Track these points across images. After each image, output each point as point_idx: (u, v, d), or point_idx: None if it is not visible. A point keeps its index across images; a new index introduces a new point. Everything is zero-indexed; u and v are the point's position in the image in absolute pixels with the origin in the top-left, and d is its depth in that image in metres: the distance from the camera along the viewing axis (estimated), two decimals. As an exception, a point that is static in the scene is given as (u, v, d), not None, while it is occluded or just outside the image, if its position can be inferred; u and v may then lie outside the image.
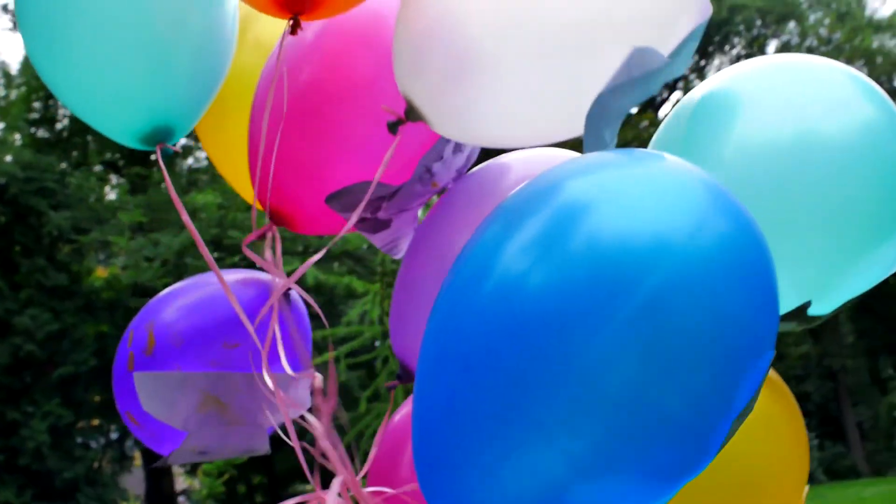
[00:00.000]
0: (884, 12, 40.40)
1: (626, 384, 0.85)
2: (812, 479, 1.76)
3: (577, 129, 1.15)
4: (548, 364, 0.85)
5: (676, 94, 24.24)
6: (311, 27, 1.40)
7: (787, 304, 1.14)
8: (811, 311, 1.15)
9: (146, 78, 1.25)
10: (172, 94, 1.29)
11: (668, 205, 0.92)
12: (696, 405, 0.87)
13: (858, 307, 33.57)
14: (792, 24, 36.76)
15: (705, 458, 0.89)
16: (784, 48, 36.81)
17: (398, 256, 1.60)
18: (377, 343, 4.82)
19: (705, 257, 0.89)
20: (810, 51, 37.18)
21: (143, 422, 1.46)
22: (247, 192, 1.62)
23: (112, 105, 1.27)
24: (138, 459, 18.56)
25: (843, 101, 1.16)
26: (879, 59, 27.86)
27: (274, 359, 1.36)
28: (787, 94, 1.17)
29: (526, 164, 1.48)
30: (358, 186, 1.40)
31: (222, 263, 12.95)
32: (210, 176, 14.55)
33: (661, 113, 22.96)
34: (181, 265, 12.85)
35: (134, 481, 21.46)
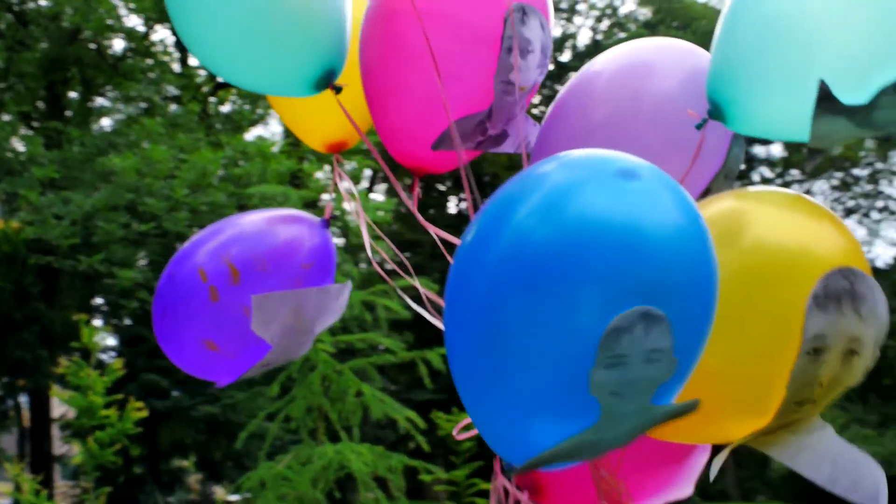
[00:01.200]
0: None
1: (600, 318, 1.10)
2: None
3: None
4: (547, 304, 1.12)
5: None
6: None
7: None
8: (844, 98, 1.21)
9: (312, 32, 1.53)
10: (332, 42, 1.57)
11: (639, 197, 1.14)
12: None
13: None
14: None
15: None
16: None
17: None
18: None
19: (666, 237, 1.12)
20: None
21: (224, 346, 1.66)
22: (312, 137, 1.91)
23: (286, 62, 1.54)
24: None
25: None
26: None
27: (326, 277, 1.77)
28: None
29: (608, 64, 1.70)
30: (455, 125, 1.63)
31: (132, 231, 12.75)
32: (128, 140, 14.25)
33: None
34: (91, 227, 12.58)
35: (9, 442, 20.88)
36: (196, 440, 17.96)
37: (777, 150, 34.69)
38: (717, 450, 1.44)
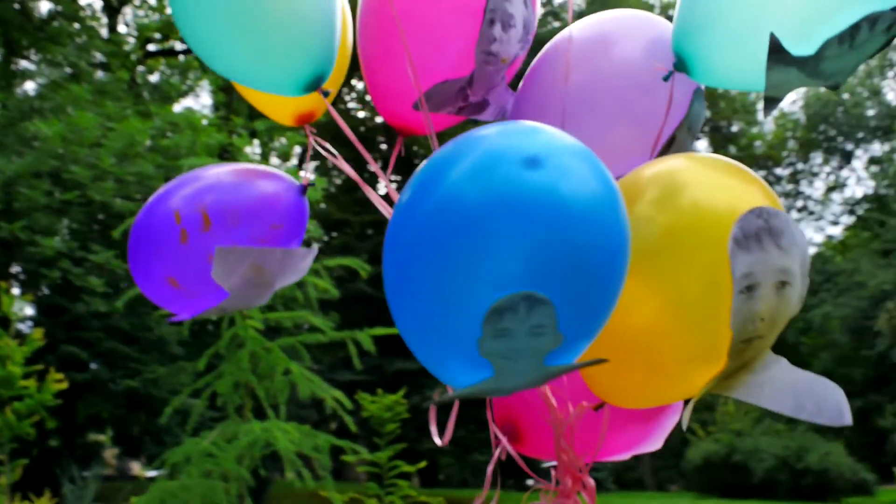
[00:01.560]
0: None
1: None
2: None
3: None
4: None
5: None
6: None
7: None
8: (793, 50, 1.35)
9: (307, 42, 1.69)
10: (323, 50, 1.72)
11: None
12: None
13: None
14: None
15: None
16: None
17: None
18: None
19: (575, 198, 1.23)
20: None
21: (185, 285, 1.78)
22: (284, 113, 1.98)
23: (282, 66, 1.70)
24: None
25: None
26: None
27: (293, 240, 1.87)
28: None
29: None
30: (434, 89, 1.76)
31: (56, 199, 12.44)
32: (53, 106, 13.88)
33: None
34: (13, 193, 12.25)
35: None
36: (114, 414, 17.67)
37: (702, 146, 35.41)
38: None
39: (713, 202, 1.38)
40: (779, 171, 44.24)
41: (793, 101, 46.09)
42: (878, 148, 41.11)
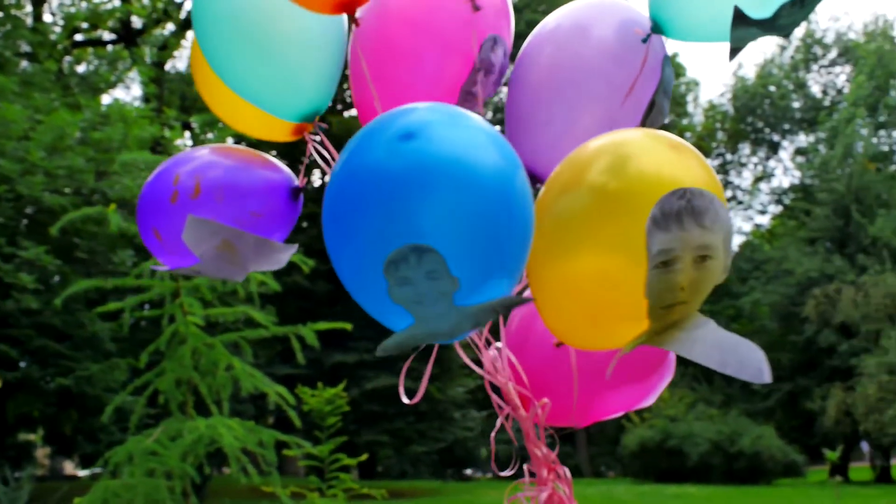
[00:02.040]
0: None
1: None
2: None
3: None
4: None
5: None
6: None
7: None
8: (754, 15, 1.62)
9: (312, 79, 1.95)
10: (323, 89, 1.98)
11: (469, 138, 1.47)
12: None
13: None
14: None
15: None
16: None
17: None
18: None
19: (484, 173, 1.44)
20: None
21: (166, 239, 1.95)
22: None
23: (287, 96, 1.94)
24: None
25: None
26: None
27: (274, 232, 2.00)
28: None
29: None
30: None
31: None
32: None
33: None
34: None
35: None
36: (45, 413, 17.28)
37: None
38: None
39: (657, 172, 1.51)
40: (708, 161, 44.85)
41: (721, 94, 46.99)
42: (803, 139, 42.15)
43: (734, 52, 1.67)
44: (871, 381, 23.69)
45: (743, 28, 1.62)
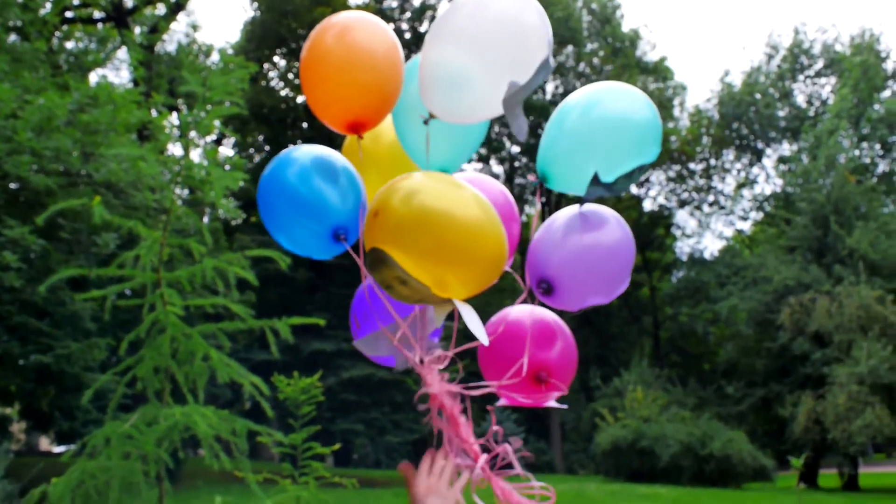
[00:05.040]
0: (652, 56, 43.72)
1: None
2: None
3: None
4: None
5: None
6: None
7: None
8: (604, 179, 2.35)
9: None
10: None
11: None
12: None
13: (579, 319, 36.23)
14: (570, 49, 39.01)
15: None
16: (559, 69, 38.96)
17: None
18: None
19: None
20: (583, 76, 39.72)
21: (363, 324, 2.54)
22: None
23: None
24: None
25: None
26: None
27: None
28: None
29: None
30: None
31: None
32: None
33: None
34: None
35: None
36: (22, 388, 17.37)
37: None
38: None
39: (433, 204, 2.18)
40: (692, 165, 45.30)
41: (707, 100, 47.13)
42: (786, 148, 42.50)
43: (585, 202, 2.45)
44: (841, 391, 24.04)
45: (595, 186, 2.36)
